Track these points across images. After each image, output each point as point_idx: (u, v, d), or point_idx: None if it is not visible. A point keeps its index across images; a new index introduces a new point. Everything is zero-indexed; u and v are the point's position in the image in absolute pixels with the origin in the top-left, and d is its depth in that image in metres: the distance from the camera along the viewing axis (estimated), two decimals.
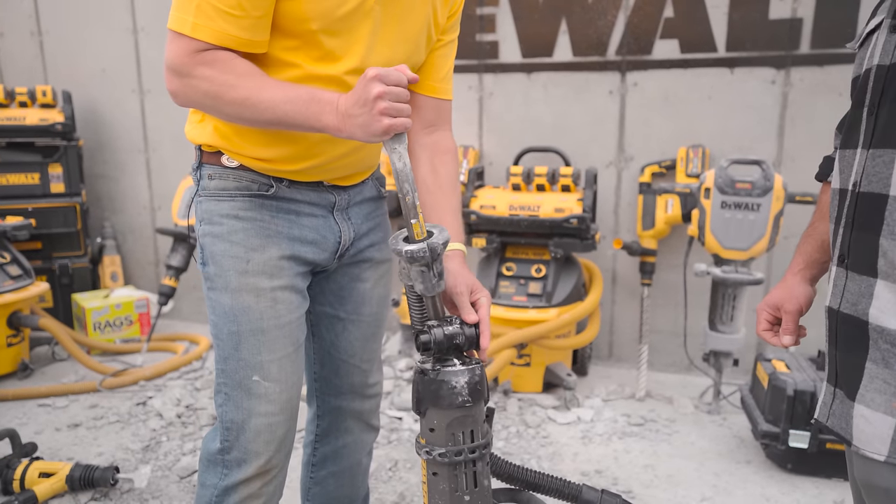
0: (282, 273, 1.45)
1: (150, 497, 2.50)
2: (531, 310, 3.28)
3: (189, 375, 3.64)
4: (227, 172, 1.43)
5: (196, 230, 1.50)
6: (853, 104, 1.05)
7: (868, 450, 0.99)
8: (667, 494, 2.54)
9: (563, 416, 3.16)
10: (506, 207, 3.36)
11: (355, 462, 1.85)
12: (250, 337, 1.43)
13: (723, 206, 3.00)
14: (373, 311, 1.72)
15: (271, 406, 1.46)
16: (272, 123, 1.27)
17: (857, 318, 1.00)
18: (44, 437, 2.96)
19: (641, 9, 3.49)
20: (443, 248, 1.24)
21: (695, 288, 3.52)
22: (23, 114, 4.14)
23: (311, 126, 1.25)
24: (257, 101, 1.24)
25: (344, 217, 1.56)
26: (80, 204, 4.33)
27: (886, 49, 0.98)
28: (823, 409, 1.09)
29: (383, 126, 1.17)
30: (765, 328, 1.28)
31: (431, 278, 1.26)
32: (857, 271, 1.01)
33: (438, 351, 1.29)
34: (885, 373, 0.96)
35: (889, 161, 0.95)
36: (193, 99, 1.28)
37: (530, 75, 3.74)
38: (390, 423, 3.06)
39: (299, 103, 1.23)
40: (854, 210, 1.01)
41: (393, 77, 1.17)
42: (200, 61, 1.24)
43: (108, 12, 4.44)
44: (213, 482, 1.49)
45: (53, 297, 4.32)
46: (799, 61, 3.28)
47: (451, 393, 1.27)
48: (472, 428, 1.31)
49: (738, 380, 3.47)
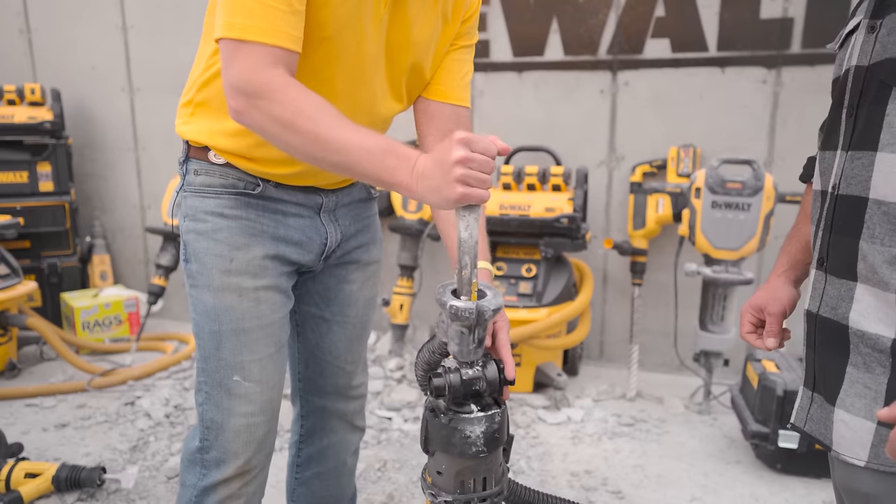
0: (265, 273, 1.43)
1: (137, 498, 2.48)
2: (521, 309, 3.27)
3: (178, 375, 3.62)
4: (214, 169, 1.41)
5: (180, 226, 1.47)
6: (832, 105, 1.05)
7: (848, 455, 0.98)
8: (656, 495, 2.54)
9: (553, 416, 3.15)
10: (496, 207, 3.35)
11: (340, 462, 1.84)
12: (232, 336, 1.41)
13: (713, 206, 3.00)
14: (358, 312, 1.71)
15: (251, 406, 1.44)
16: (338, 166, 1.17)
17: (836, 323, 0.99)
18: (31, 437, 2.94)
19: (633, 8, 3.49)
20: (493, 314, 1.11)
21: (686, 288, 3.52)
22: (11, 112, 4.10)
23: (382, 180, 1.15)
24: (332, 139, 1.14)
25: (331, 218, 1.54)
26: (69, 203, 4.29)
27: (864, 50, 0.97)
28: (801, 413, 1.08)
29: (457, 194, 1.05)
30: (748, 331, 1.27)
31: (470, 343, 1.13)
32: (836, 275, 1.00)
33: (454, 398, 1.15)
34: (865, 377, 0.96)
35: (868, 163, 0.94)
36: (260, 123, 1.17)
37: (521, 74, 3.73)
38: (379, 423, 3.05)
39: (377, 153, 1.13)
40: (833, 213, 1.01)
41: (481, 145, 1.06)
42: (275, 83, 1.15)
43: (98, 10, 4.41)
44: (193, 482, 1.48)
45: (42, 297, 4.29)
46: (790, 61, 3.28)
47: (463, 442, 1.14)
48: (484, 476, 1.19)
49: (729, 380, 3.47)
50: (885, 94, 0.92)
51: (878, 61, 0.94)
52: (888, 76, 0.92)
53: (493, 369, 1.16)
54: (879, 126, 0.93)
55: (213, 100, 1.38)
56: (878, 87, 0.94)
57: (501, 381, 1.17)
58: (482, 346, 1.16)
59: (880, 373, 0.94)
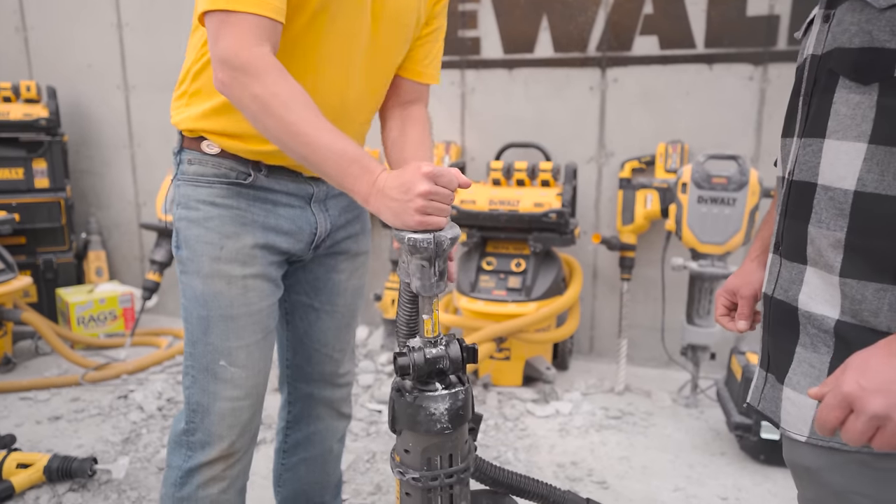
0: (255, 261, 1.47)
1: (127, 488, 2.51)
2: (510, 304, 3.30)
3: (172, 369, 3.65)
4: (207, 159, 1.45)
5: (173, 214, 1.51)
6: (792, 93, 1.08)
7: (792, 431, 1.01)
8: (640, 485, 2.57)
9: (541, 409, 3.18)
10: (486, 202, 3.38)
11: (326, 449, 1.88)
12: (219, 322, 1.45)
13: (699, 201, 3.03)
14: (346, 301, 1.75)
15: (237, 391, 1.48)
16: (305, 160, 1.23)
17: (788, 304, 1.02)
18: (24, 429, 2.97)
19: (621, 5, 3.52)
20: (450, 243, 1.17)
21: (673, 283, 3.55)
22: (7, 109, 4.13)
23: (341, 184, 1.21)
24: (302, 132, 1.19)
25: (321, 208, 1.58)
26: (64, 199, 4.33)
27: (819, 39, 1.00)
28: (755, 392, 1.11)
29: (415, 221, 1.14)
30: (722, 313, 1.30)
31: (431, 276, 1.18)
32: (789, 258, 1.03)
33: (418, 376, 1.19)
34: (812, 357, 0.99)
35: (818, 150, 0.98)
36: (240, 98, 1.22)
37: (512, 71, 3.76)
38: (370, 415, 3.08)
39: (343, 158, 1.19)
40: (788, 198, 1.04)
41: (444, 179, 1.15)
42: (261, 63, 1.19)
43: (93, 8, 4.44)
44: (178, 464, 1.52)
45: (38, 292, 4.32)
46: (776, 58, 3.31)
47: (428, 419, 1.18)
48: (450, 452, 1.22)
49: (717, 374, 3.50)
50: (833, 82, 0.96)
51: (829, 51, 0.97)
52: (836, 65, 0.95)
53: (455, 348, 1.20)
54: (828, 114, 0.96)
55: (207, 86, 1.42)
56: (827, 76, 0.97)
57: (464, 360, 1.21)
58: (444, 280, 1.20)
59: (825, 352, 0.98)
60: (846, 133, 0.93)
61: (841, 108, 0.94)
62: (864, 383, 0.81)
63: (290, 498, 1.91)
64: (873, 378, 0.81)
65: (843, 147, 0.94)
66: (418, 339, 1.23)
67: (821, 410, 0.85)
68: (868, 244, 0.92)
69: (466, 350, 1.22)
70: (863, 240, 0.92)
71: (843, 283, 0.95)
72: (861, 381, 0.82)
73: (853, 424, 0.82)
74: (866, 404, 0.81)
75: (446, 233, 1.16)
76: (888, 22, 0.87)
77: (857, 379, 0.82)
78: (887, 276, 0.91)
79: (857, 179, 0.92)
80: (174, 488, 1.53)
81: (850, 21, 0.93)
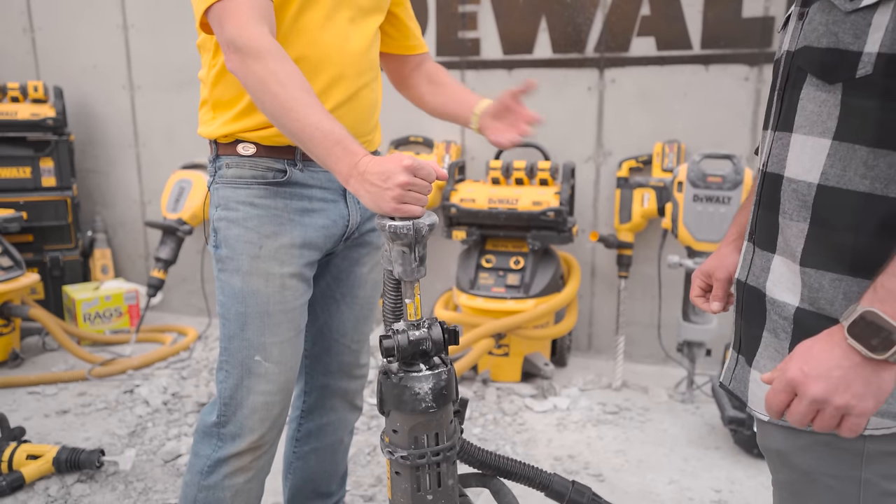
0: (292, 260, 1.53)
1: (134, 479, 2.57)
2: (509, 300, 3.36)
3: (176, 365, 3.72)
4: (244, 161, 1.51)
5: (211, 215, 1.57)
6: (770, 87, 1.12)
7: (759, 411, 1.07)
8: (635, 478, 2.62)
9: (539, 404, 3.24)
10: (485, 201, 3.44)
11: (337, 440, 1.94)
12: (256, 319, 1.51)
13: (695, 200, 3.09)
14: (367, 294, 1.81)
15: (270, 386, 1.54)
16: (294, 137, 1.29)
17: (758, 290, 1.07)
18: (32, 422, 3.04)
19: (619, 7, 3.57)
20: (428, 230, 1.22)
21: (670, 281, 3.60)
22: (14, 108, 4.20)
23: (325, 163, 1.28)
24: (293, 108, 1.26)
25: (354, 199, 1.64)
26: (71, 198, 4.39)
27: (794, 35, 1.04)
28: (727, 373, 1.17)
29: (391, 207, 1.20)
30: (697, 294, 1.35)
31: (412, 261, 1.22)
32: (761, 247, 1.08)
33: (402, 358, 1.25)
34: (775, 342, 1.04)
35: (786, 143, 1.02)
36: (245, 77, 1.30)
37: (511, 72, 3.81)
38: (371, 409, 3.14)
39: (328, 138, 1.25)
40: (762, 189, 1.09)
41: (423, 172, 1.21)
42: (261, 43, 1.28)
43: (99, 9, 4.50)
44: (207, 453, 1.58)
45: (45, 289, 4.38)
46: (772, 59, 3.35)
47: (414, 399, 1.23)
48: (436, 431, 1.28)
49: (714, 371, 3.55)
50: (801, 79, 1.00)
51: (800, 48, 1.01)
52: (804, 63, 0.99)
53: (437, 330, 1.27)
54: (796, 109, 1.00)
55: (226, 93, 1.50)
56: (797, 72, 1.01)
57: (446, 341, 1.28)
58: (424, 265, 1.25)
59: (784, 338, 1.02)
60: (812, 129, 0.97)
61: (808, 105, 0.98)
62: (806, 369, 0.87)
63: (299, 486, 1.97)
64: (815, 365, 0.87)
65: (809, 142, 0.98)
66: (402, 323, 1.28)
67: (769, 394, 0.92)
68: (827, 235, 0.96)
69: (448, 332, 1.28)
70: (823, 231, 0.97)
71: (804, 272, 0.99)
72: (804, 367, 0.88)
73: (796, 407, 0.89)
74: (807, 389, 0.87)
75: (425, 220, 1.22)
76: (852, 25, 0.91)
77: (801, 365, 0.88)
78: (843, 267, 0.95)
79: (821, 173, 0.96)
80: (200, 476, 1.58)
81: (819, 21, 0.96)
